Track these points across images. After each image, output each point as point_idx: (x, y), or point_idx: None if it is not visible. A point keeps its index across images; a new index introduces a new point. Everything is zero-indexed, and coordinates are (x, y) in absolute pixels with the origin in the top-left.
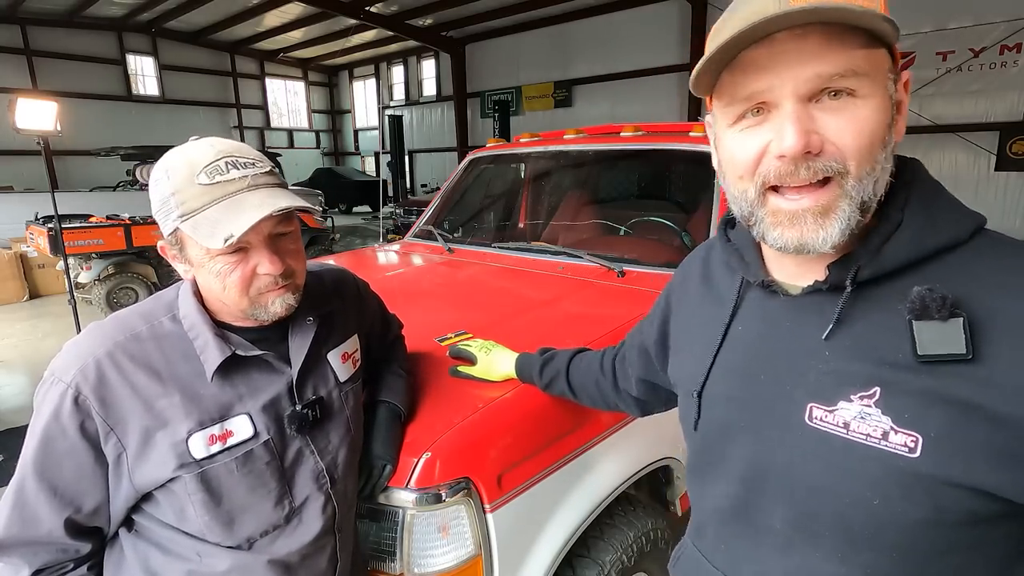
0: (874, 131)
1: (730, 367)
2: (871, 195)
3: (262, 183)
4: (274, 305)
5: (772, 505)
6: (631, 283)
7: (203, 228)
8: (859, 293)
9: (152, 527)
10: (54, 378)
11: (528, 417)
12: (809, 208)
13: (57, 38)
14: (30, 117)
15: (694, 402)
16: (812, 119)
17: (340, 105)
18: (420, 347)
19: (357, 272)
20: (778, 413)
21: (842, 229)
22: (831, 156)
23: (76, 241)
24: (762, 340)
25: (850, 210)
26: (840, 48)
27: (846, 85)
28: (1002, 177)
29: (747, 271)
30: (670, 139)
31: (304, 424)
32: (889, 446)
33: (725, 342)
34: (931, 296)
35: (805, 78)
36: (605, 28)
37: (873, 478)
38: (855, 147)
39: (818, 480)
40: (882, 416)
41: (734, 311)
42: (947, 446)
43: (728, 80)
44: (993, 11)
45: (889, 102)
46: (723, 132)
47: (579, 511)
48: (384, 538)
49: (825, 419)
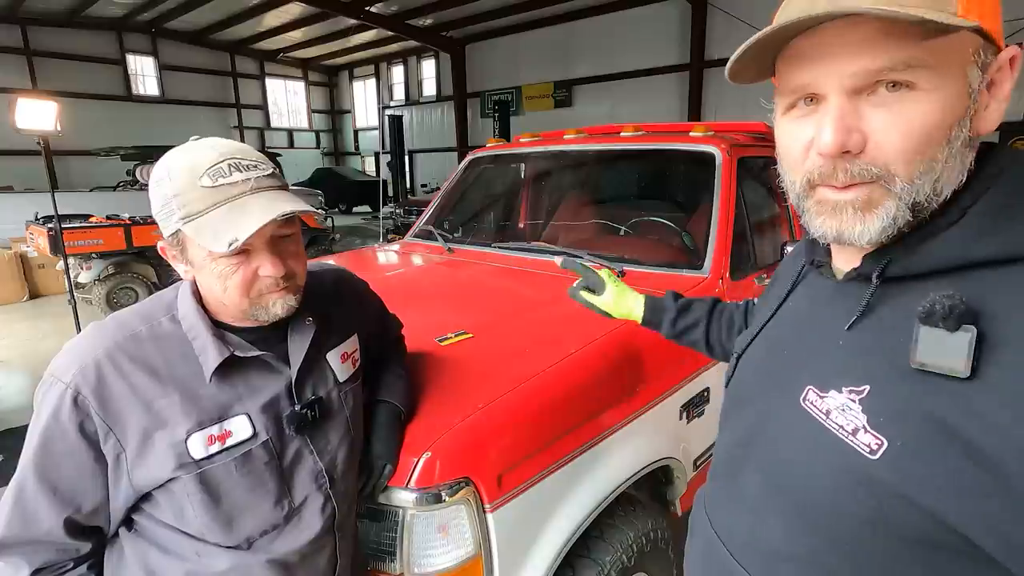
0: (930, 129)
1: (768, 337)
2: (929, 195)
3: (265, 186)
4: (275, 306)
5: (751, 470)
6: (631, 283)
7: (206, 231)
8: (890, 288)
9: (152, 527)
10: (53, 379)
11: (528, 417)
12: (851, 200)
13: (57, 38)
14: (30, 117)
15: (733, 362)
16: (859, 115)
17: (340, 105)
18: (420, 347)
19: (357, 272)
20: (783, 387)
21: (883, 227)
22: (872, 158)
23: (76, 241)
24: (801, 318)
25: (896, 210)
26: (895, 39)
27: (903, 78)
28: None
29: (811, 252)
30: (670, 139)
31: (303, 424)
32: (855, 443)
33: (776, 315)
34: (943, 302)
35: (851, 72)
36: (605, 28)
37: (832, 466)
38: (900, 148)
39: (789, 456)
40: (860, 414)
41: (791, 288)
42: (909, 460)
43: (782, 68)
44: None
45: (964, 92)
46: (778, 119)
47: (579, 511)
48: (384, 538)
49: (815, 403)
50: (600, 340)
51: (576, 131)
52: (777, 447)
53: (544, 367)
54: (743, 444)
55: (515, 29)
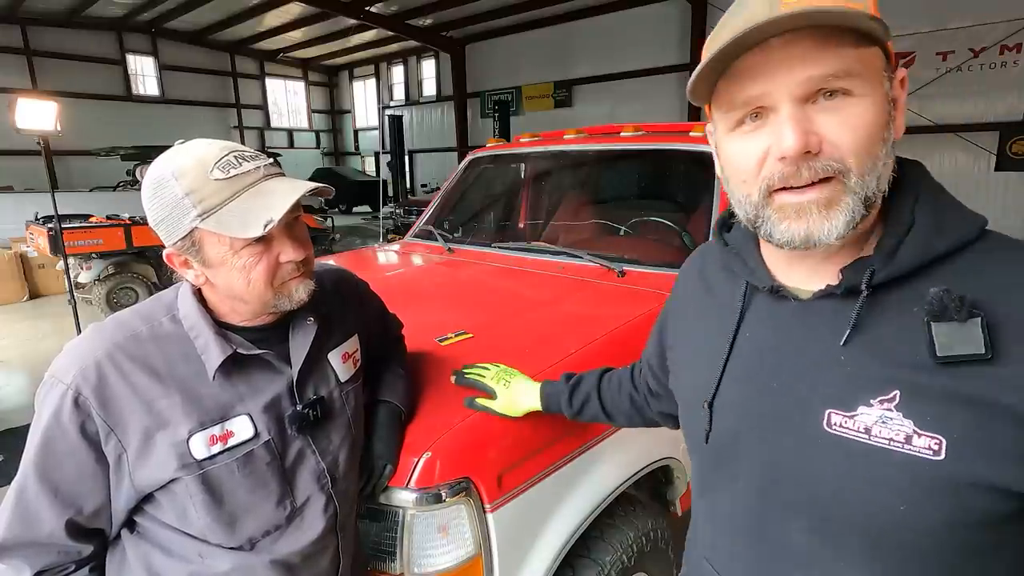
0: (871, 128)
1: (741, 376)
2: (875, 191)
3: (274, 172)
4: (298, 292)
5: (790, 517)
6: (631, 283)
7: (232, 220)
8: (873, 297)
9: (154, 528)
10: (54, 379)
11: (528, 417)
12: (814, 200)
13: (57, 38)
14: (30, 117)
15: (705, 413)
16: (810, 120)
17: (340, 105)
18: (420, 347)
19: (357, 272)
20: (793, 421)
21: (847, 221)
22: (830, 155)
23: (76, 241)
24: (773, 347)
25: (854, 204)
26: (831, 49)
27: (840, 85)
28: (1002, 177)
29: (752, 276)
30: (670, 139)
31: (305, 424)
32: (912, 449)
33: (733, 350)
34: (949, 297)
35: (798, 81)
36: (605, 28)
37: (897, 482)
38: (853, 145)
39: (838, 487)
40: (904, 420)
41: (740, 318)
42: (971, 447)
43: (724, 88)
44: (993, 11)
45: (885, 99)
46: (723, 138)
47: (579, 511)
48: (384, 538)
49: (845, 424)
50: (600, 340)
51: (576, 131)
52: (814, 482)
53: (544, 367)
54: (763, 494)
55: (515, 29)
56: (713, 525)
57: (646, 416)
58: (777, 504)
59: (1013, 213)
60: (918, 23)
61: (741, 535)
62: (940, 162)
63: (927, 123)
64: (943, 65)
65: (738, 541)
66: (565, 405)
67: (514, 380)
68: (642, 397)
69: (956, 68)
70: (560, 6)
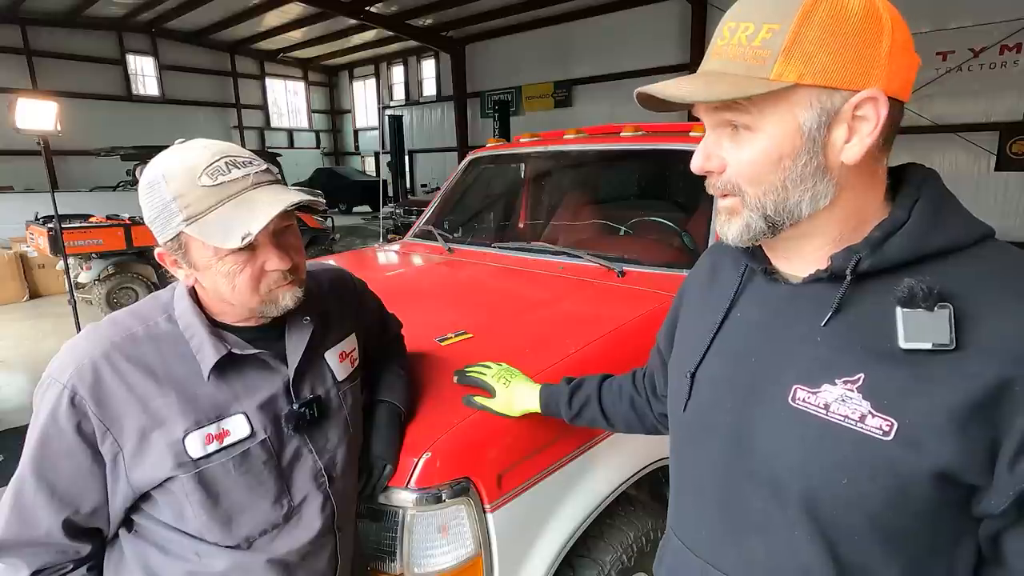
0: (761, 160)
1: (725, 350)
2: (777, 210)
3: (263, 180)
4: (285, 299)
5: (752, 486)
6: (631, 283)
7: (214, 229)
8: (858, 284)
9: (151, 527)
10: (51, 379)
11: (528, 417)
12: (726, 207)
13: (57, 38)
14: (30, 117)
15: (686, 382)
16: (719, 145)
17: (340, 105)
18: (420, 347)
19: (357, 272)
20: (764, 394)
21: (740, 230)
22: (728, 177)
23: (76, 241)
24: (759, 325)
25: (749, 219)
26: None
27: (742, 122)
28: (1002, 177)
29: (752, 259)
30: (670, 139)
31: (301, 423)
32: (865, 428)
33: (723, 327)
34: (919, 286)
35: (710, 119)
36: (605, 28)
37: (843, 457)
38: (744, 173)
39: (791, 457)
40: (862, 400)
41: (734, 298)
42: (921, 432)
43: None
44: (993, 11)
45: (796, 132)
46: None
47: (579, 511)
48: (384, 538)
49: (807, 400)
50: (600, 340)
51: (576, 131)
52: (773, 452)
53: (544, 367)
54: (729, 463)
55: (515, 29)
56: (684, 497)
57: (646, 422)
58: (741, 473)
59: (1013, 213)
60: (918, 23)
61: (708, 504)
62: (940, 162)
63: (927, 123)
64: (943, 65)
65: (704, 510)
66: (564, 407)
67: (514, 380)
68: (644, 399)
69: (956, 68)
70: (560, 6)
